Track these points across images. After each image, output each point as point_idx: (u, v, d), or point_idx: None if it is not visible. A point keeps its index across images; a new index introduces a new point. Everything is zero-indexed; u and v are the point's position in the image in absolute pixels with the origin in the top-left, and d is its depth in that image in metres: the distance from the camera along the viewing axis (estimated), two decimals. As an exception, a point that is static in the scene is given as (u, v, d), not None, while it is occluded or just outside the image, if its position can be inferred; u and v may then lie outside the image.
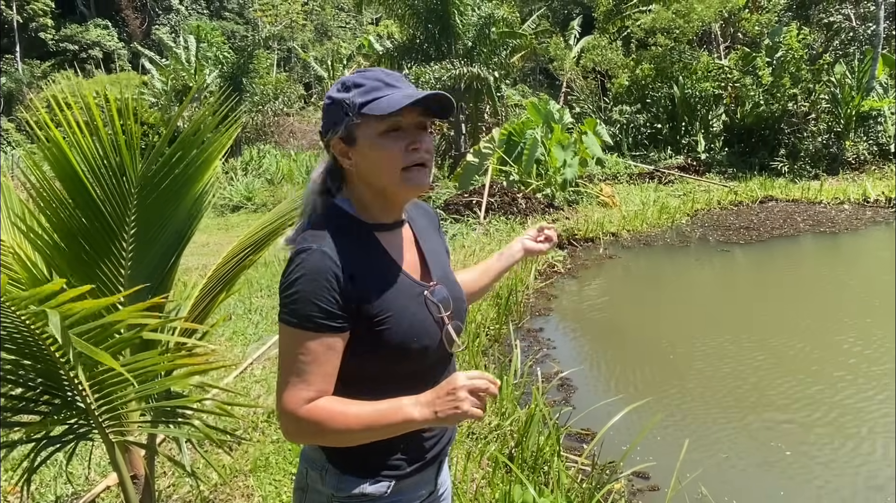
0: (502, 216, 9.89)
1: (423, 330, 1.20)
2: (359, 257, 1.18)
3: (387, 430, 1.13)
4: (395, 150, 1.15)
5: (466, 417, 1.07)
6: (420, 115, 1.18)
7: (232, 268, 2.11)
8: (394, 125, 1.15)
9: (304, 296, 1.12)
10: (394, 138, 1.15)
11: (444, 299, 1.26)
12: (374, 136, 1.15)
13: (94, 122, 1.71)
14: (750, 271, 7.67)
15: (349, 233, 1.20)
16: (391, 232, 1.27)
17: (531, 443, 3.13)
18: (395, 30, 20.26)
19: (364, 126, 1.16)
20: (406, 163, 1.16)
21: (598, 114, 17.61)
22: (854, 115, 13.87)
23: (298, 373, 1.13)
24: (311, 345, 1.12)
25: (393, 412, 1.11)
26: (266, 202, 12.91)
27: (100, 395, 1.67)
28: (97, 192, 1.75)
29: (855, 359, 4.58)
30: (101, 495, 2.86)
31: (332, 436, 1.14)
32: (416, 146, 1.16)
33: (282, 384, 1.15)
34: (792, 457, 3.37)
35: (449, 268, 1.37)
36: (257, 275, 6.89)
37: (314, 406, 1.13)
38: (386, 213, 1.26)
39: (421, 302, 1.23)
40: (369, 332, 1.16)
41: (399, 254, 1.26)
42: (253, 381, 4.15)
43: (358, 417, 1.12)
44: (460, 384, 1.06)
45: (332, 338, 1.14)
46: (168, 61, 20.24)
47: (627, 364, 4.86)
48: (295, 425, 1.14)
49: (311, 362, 1.13)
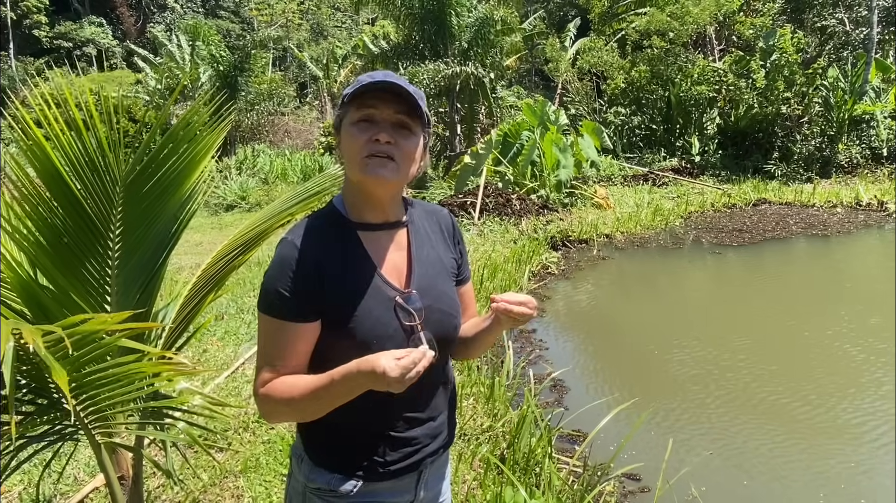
0: (496, 217, 9.89)
1: (384, 333, 1.20)
2: (331, 251, 1.21)
3: (329, 391, 1.14)
4: (360, 138, 1.18)
5: (397, 385, 1.08)
6: (398, 113, 1.19)
7: (222, 267, 2.10)
8: (367, 116, 1.19)
9: (270, 284, 1.19)
10: (363, 128, 1.19)
11: (417, 308, 1.24)
12: (349, 124, 1.20)
13: (76, 120, 1.69)
14: (742, 273, 7.70)
15: (331, 228, 1.24)
16: (378, 233, 1.27)
17: (523, 445, 3.13)
18: (391, 30, 20.25)
19: (347, 115, 1.22)
20: (366, 152, 1.18)
21: (592, 116, 17.64)
22: (847, 119, 13.93)
23: (266, 358, 1.20)
24: (276, 332, 1.18)
25: (332, 373, 1.13)
26: (260, 202, 12.86)
27: (86, 397, 1.66)
28: (79, 191, 1.73)
29: (844, 360, 4.60)
30: (89, 496, 2.84)
31: (291, 407, 1.18)
32: (377, 137, 1.18)
33: (256, 368, 1.22)
34: (778, 456, 3.38)
35: (443, 279, 1.33)
36: (250, 275, 6.87)
37: (272, 383, 1.19)
38: (371, 212, 1.26)
39: (389, 307, 1.22)
40: (333, 327, 1.20)
41: (380, 256, 1.26)
42: (245, 381, 4.13)
43: (302, 384, 1.16)
44: (382, 363, 1.06)
45: (296, 326, 1.18)
46: (162, 59, 20.16)
47: (620, 365, 4.87)
48: (260, 404, 1.21)
49: (276, 348, 1.19)
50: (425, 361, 1.09)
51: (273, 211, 2.26)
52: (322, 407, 1.17)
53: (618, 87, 17.06)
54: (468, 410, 3.62)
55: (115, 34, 35.38)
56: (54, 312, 1.83)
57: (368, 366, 1.08)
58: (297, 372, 1.20)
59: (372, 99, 1.17)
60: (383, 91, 1.17)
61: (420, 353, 1.09)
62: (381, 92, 1.17)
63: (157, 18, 34.61)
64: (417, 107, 1.19)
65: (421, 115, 1.21)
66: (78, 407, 1.65)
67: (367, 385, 1.11)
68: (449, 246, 1.40)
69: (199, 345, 4.78)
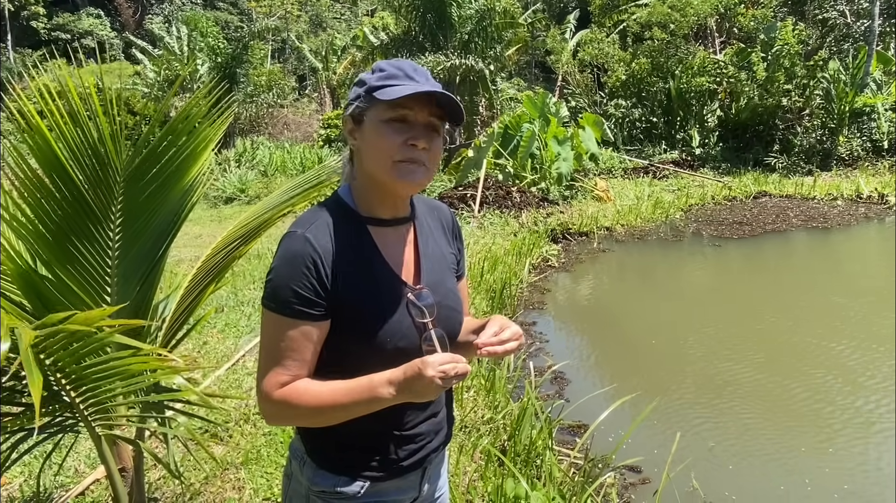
0: (497, 210, 9.87)
1: (398, 331, 1.18)
2: (344, 248, 1.16)
3: (356, 407, 1.12)
4: (394, 139, 1.13)
5: (436, 394, 1.07)
6: (431, 116, 1.16)
7: (221, 259, 2.08)
8: (401, 116, 1.14)
9: (282, 281, 1.13)
10: (396, 129, 1.14)
11: (429, 305, 1.22)
12: (378, 121, 1.15)
13: (77, 110, 1.68)
14: (742, 266, 7.69)
15: (341, 222, 1.19)
16: (386, 228, 1.24)
17: (524, 437, 3.13)
18: (391, 21, 20.14)
19: (373, 109, 1.15)
20: (400, 156, 1.14)
21: (593, 108, 17.58)
22: (848, 112, 13.89)
23: (275, 358, 1.14)
24: (288, 331, 1.13)
25: (363, 390, 1.11)
26: (259, 194, 12.83)
27: (86, 389, 1.65)
28: (80, 181, 1.72)
29: (846, 352, 4.60)
30: (90, 487, 2.84)
31: (305, 415, 1.15)
32: (415, 142, 1.14)
33: (261, 368, 1.16)
34: (781, 448, 3.38)
35: (447, 275, 1.32)
36: (249, 268, 6.86)
37: (287, 388, 1.14)
38: (382, 207, 1.23)
39: (402, 304, 1.20)
40: (345, 325, 1.16)
41: (391, 251, 1.23)
42: (245, 374, 4.13)
43: (327, 394, 1.12)
44: (429, 375, 1.05)
45: (309, 326, 1.13)
46: (161, 51, 20.06)
47: (621, 357, 4.87)
48: (270, 407, 1.15)
49: (288, 348, 1.14)
50: (461, 367, 1.07)
51: (273, 202, 2.24)
52: (350, 415, 1.14)
53: (618, 79, 16.99)
54: (469, 402, 3.62)
55: (114, 26, 35.21)
56: (54, 303, 1.82)
57: (414, 370, 1.07)
58: (311, 373, 1.16)
59: (409, 100, 1.13)
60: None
61: (457, 357, 1.08)
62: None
63: (156, 10, 34.43)
64: (458, 114, 1.17)
65: (449, 116, 1.18)
66: (78, 399, 1.65)
67: (405, 395, 1.09)
68: (449, 241, 1.38)
69: (200, 337, 4.78)
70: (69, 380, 1.56)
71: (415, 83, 1.14)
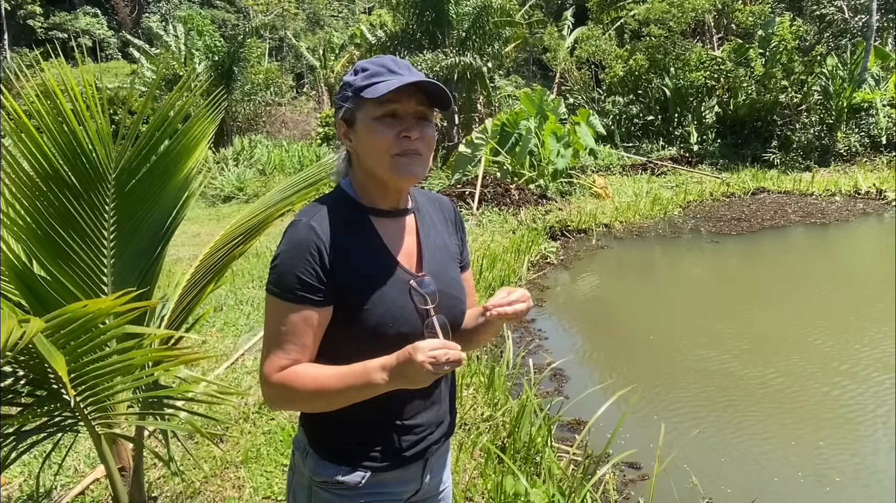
0: (495, 207, 9.87)
1: (401, 317, 1.20)
2: (347, 235, 1.19)
3: (352, 392, 1.14)
4: (387, 135, 1.16)
5: (427, 380, 1.08)
6: (419, 105, 1.18)
7: (220, 258, 2.08)
8: (390, 111, 1.17)
9: (286, 267, 1.16)
10: (388, 124, 1.17)
11: (431, 292, 1.24)
12: (369, 119, 1.17)
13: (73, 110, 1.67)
14: (740, 262, 7.70)
15: (345, 212, 1.22)
16: (389, 219, 1.27)
17: (523, 434, 3.13)
18: (388, 19, 20.11)
19: (363, 109, 1.18)
20: (397, 150, 1.16)
21: (591, 105, 17.56)
22: (846, 107, 13.89)
23: (277, 343, 1.17)
24: (290, 316, 1.16)
25: (357, 375, 1.13)
26: (258, 192, 12.81)
27: (86, 387, 1.65)
28: (70, 179, 1.71)
29: (842, 347, 4.60)
30: (89, 487, 2.84)
31: (303, 399, 1.18)
32: (407, 134, 1.16)
33: (263, 352, 1.19)
34: (776, 442, 3.39)
35: (450, 264, 1.34)
36: (248, 266, 6.86)
37: (286, 372, 1.16)
38: (384, 199, 1.26)
39: (405, 290, 1.22)
40: (348, 311, 1.18)
41: (393, 240, 1.26)
42: (244, 373, 4.13)
43: (324, 379, 1.14)
44: (419, 360, 1.06)
45: (311, 311, 1.16)
46: (158, 50, 20.00)
47: (620, 354, 4.88)
48: (269, 390, 1.18)
49: (290, 332, 1.16)
50: (453, 353, 1.07)
51: (271, 200, 2.23)
52: (346, 400, 1.15)
53: (616, 76, 16.97)
54: (468, 400, 3.62)
55: (111, 25, 35.10)
56: (51, 302, 1.82)
57: (405, 355, 1.07)
58: (311, 358, 1.19)
59: (396, 94, 1.15)
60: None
61: (450, 344, 1.08)
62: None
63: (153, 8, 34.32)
64: (444, 100, 1.18)
65: (437, 103, 1.20)
66: (77, 397, 1.64)
67: (398, 382, 1.10)
68: (452, 232, 1.40)
69: (199, 336, 4.77)
70: (71, 377, 1.56)
71: (399, 76, 1.17)
